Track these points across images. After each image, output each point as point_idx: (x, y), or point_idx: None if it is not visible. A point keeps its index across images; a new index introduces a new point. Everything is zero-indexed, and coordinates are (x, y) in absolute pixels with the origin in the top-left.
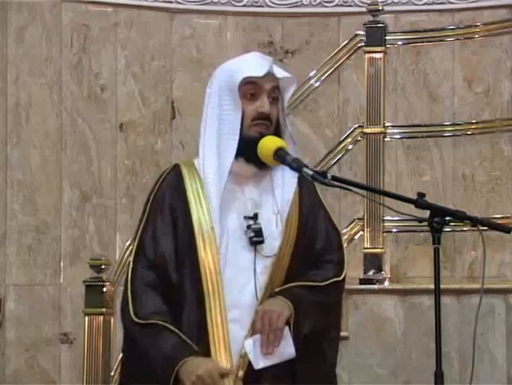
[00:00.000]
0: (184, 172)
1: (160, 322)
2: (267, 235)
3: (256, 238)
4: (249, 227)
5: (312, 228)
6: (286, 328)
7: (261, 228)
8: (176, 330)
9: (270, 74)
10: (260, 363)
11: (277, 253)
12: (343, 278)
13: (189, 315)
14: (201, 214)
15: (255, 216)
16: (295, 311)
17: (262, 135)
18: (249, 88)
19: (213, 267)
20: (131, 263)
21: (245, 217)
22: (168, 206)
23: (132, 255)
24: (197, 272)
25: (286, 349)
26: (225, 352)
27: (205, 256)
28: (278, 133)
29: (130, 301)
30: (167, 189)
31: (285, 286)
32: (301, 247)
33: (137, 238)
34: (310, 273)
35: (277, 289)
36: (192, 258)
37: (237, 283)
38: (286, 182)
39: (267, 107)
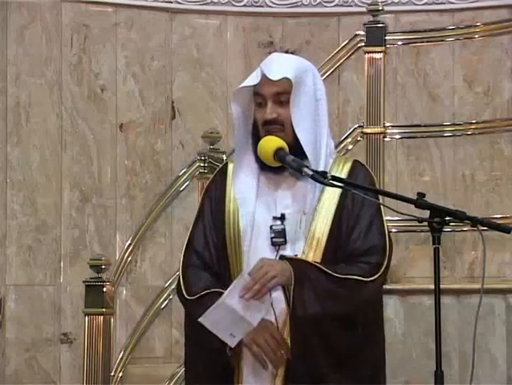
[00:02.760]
0: (230, 169)
1: (209, 291)
2: (291, 237)
3: (276, 239)
4: (271, 227)
5: (349, 229)
6: (269, 297)
7: (283, 229)
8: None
9: (269, 80)
10: (227, 300)
11: (300, 255)
12: (372, 281)
13: None
14: (233, 211)
15: (282, 217)
16: (299, 285)
17: None
18: (257, 98)
19: (237, 263)
20: (181, 257)
21: (273, 217)
22: (211, 205)
23: (183, 249)
24: (227, 267)
25: (254, 313)
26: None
27: (231, 252)
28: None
29: (182, 283)
30: (212, 188)
31: (301, 259)
32: (332, 250)
33: (188, 234)
34: (337, 266)
35: (291, 256)
36: (224, 254)
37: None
38: (319, 185)
39: (268, 112)
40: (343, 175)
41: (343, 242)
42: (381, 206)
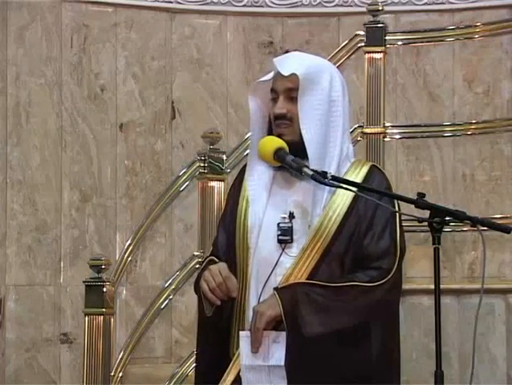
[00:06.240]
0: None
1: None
2: (299, 235)
3: (282, 237)
4: (278, 225)
5: (362, 234)
6: (279, 333)
7: (290, 228)
8: (214, 257)
9: (282, 76)
10: (246, 360)
11: (298, 254)
12: (379, 285)
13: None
14: (244, 208)
15: (291, 215)
16: (291, 310)
17: (279, 136)
18: (272, 94)
19: (243, 259)
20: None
21: (282, 216)
22: (230, 203)
23: None
24: (234, 263)
25: (275, 354)
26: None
27: (239, 248)
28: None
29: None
30: (233, 187)
31: (289, 283)
32: (336, 250)
33: None
34: (342, 277)
35: (280, 285)
36: (233, 250)
37: (259, 277)
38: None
39: (279, 107)
40: (359, 179)
41: (356, 247)
42: (396, 209)
